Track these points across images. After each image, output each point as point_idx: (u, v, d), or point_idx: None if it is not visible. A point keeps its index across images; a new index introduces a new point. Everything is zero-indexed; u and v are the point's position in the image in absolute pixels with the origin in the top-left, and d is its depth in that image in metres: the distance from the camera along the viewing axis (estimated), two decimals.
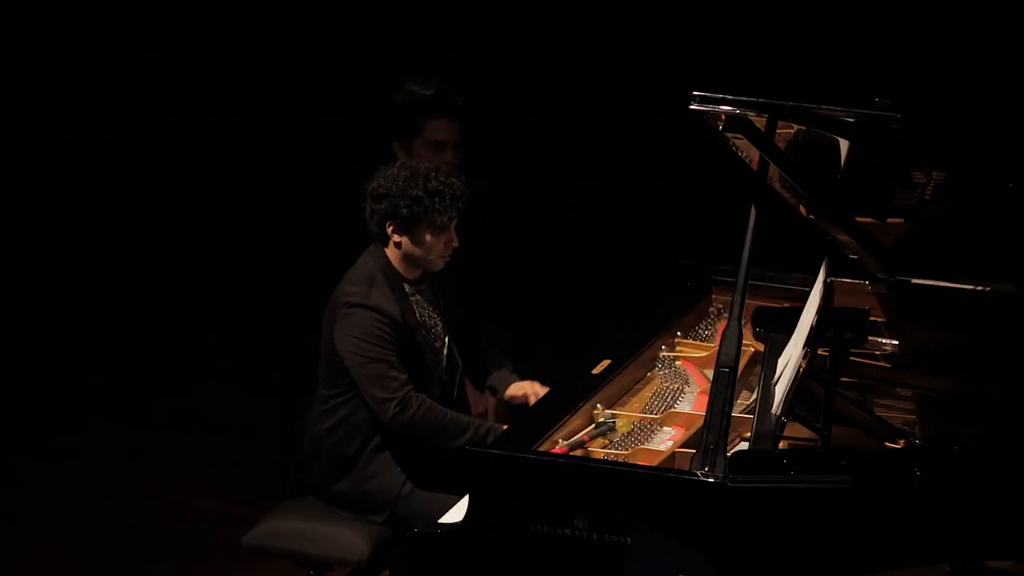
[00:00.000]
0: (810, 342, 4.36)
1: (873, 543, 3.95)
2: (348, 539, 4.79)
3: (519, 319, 5.76)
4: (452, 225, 4.80)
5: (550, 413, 4.45)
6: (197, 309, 8.39)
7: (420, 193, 4.74)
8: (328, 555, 4.82)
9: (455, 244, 4.83)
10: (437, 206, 4.75)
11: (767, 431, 4.12)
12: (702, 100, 4.18)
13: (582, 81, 8.56)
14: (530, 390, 5.08)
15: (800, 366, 4.29)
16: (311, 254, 5.57)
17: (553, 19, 8.56)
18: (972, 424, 4.61)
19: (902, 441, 4.48)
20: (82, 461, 6.74)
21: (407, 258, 4.84)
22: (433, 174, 4.79)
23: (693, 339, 5.14)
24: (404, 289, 4.87)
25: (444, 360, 4.95)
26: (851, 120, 4.16)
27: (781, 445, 4.14)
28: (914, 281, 4.93)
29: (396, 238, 4.81)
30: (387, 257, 4.86)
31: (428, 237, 4.80)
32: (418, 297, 4.91)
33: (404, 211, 4.76)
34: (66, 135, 9.29)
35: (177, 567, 5.93)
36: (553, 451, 4.29)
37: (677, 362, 4.97)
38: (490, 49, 8.69)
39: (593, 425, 4.49)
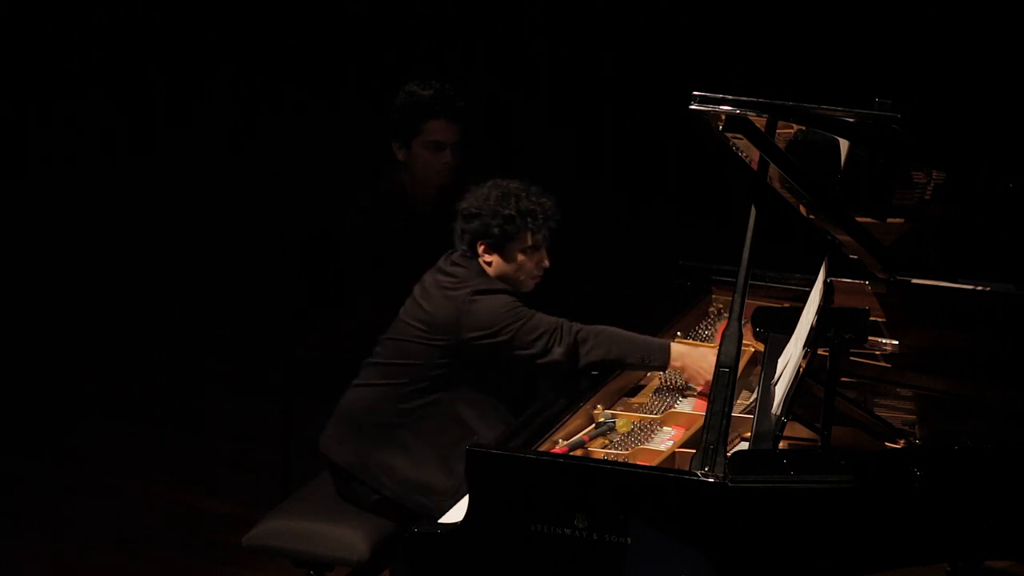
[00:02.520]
0: (810, 342, 4.35)
1: (873, 543, 3.95)
2: (348, 539, 4.79)
3: None
4: (544, 245, 4.77)
5: (550, 413, 4.45)
6: (197, 309, 8.39)
7: (512, 212, 4.71)
8: (328, 555, 4.81)
9: (546, 264, 4.79)
10: (529, 225, 4.72)
11: (767, 431, 4.12)
12: (702, 100, 4.17)
13: (582, 81, 8.56)
14: None
15: (800, 366, 4.29)
16: (311, 251, 5.57)
17: (554, 19, 8.57)
18: (972, 424, 4.61)
19: (902, 441, 4.48)
20: (81, 461, 6.73)
21: (498, 278, 4.77)
22: (524, 193, 4.75)
23: (693, 339, 5.14)
24: None
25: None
26: (851, 120, 4.15)
27: (781, 445, 4.13)
28: (914, 281, 4.93)
29: (487, 257, 4.75)
30: (482, 268, 4.79)
31: (520, 257, 4.75)
32: None
33: (496, 230, 4.72)
34: (63, 136, 9.29)
35: (177, 567, 5.92)
36: (553, 451, 4.29)
37: None
38: (490, 49, 8.69)
39: (593, 425, 4.49)
